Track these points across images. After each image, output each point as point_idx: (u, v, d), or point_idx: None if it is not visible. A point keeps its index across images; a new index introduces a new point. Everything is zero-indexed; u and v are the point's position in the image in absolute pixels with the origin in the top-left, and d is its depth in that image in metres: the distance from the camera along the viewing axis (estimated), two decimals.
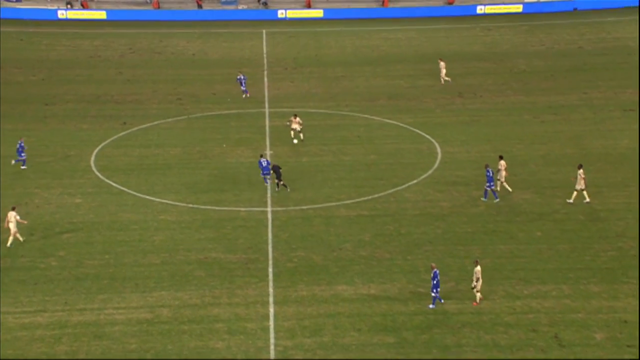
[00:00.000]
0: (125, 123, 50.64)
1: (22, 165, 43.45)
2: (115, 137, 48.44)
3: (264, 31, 75.04)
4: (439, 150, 46.66)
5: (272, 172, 40.94)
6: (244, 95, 55.23)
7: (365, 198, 40.43)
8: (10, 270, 33.04)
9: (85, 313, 30.37)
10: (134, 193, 40.66)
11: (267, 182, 41.52)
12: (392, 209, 39.22)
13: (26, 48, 67.98)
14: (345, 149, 47.01)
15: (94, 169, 43.57)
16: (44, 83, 58.85)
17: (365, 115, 52.69)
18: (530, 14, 79.97)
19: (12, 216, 35.06)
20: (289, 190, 40.60)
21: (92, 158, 44.99)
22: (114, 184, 41.65)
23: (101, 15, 79.11)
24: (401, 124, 51.00)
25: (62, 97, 55.49)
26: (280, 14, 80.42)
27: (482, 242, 35.84)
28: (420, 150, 46.71)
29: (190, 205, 39.44)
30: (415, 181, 42.39)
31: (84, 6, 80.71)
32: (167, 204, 39.58)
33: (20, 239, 35.47)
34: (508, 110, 53.46)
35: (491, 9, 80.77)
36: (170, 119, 51.71)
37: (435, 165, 44.41)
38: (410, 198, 40.45)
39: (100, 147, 46.67)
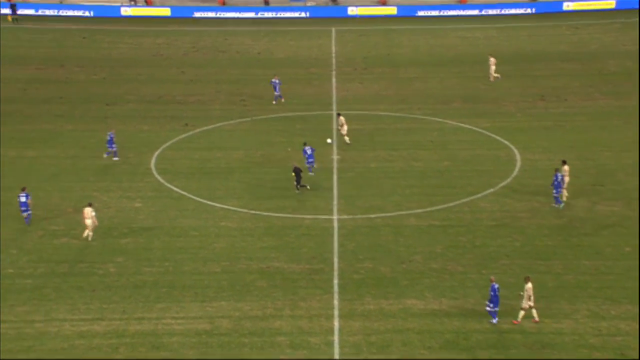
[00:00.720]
0: (187, 124, 51.50)
1: (114, 157, 45.18)
2: (177, 139, 49.30)
3: (333, 29, 75.30)
4: (518, 157, 45.90)
5: (293, 174, 41.20)
6: (274, 102, 54.92)
7: (438, 207, 40.06)
8: (68, 275, 33.94)
9: (143, 322, 30.93)
10: (195, 198, 41.28)
11: (310, 172, 42.76)
12: (466, 219, 38.76)
13: (88, 46, 69.91)
14: (416, 154, 46.71)
15: (154, 172, 44.43)
16: (105, 82, 60.38)
17: (439, 119, 52.25)
18: (624, 10, 77.88)
19: (89, 212, 36.19)
20: (297, 191, 41.00)
21: (153, 160, 45.89)
22: (174, 188, 42.38)
23: (165, 12, 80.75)
24: (477, 129, 50.39)
25: (123, 97, 56.82)
26: (351, 11, 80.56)
27: (565, 257, 35.06)
28: (497, 157, 46.04)
29: (253, 212, 39.79)
30: (491, 190, 41.80)
31: (147, 3, 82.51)
32: (228, 209, 40.04)
33: (89, 238, 36.47)
34: (595, 114, 52.24)
35: (579, 5, 79.15)
36: (233, 121, 52.35)
37: (514, 173, 43.70)
38: (486, 208, 39.90)
39: (161, 149, 47.58)
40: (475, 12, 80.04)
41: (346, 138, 47.57)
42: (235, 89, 57.62)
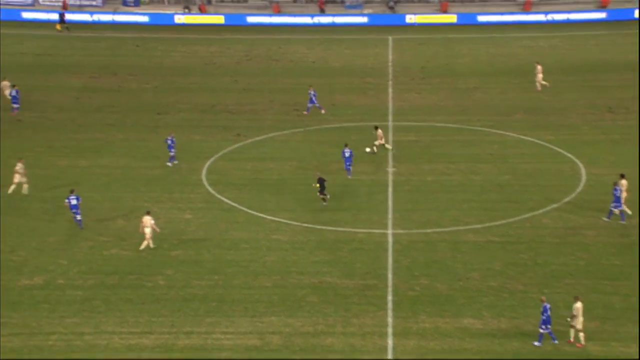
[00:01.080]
0: (239, 134, 52.03)
1: (169, 162, 46.49)
2: (228, 149, 49.85)
3: (390, 37, 75.31)
4: (583, 171, 45.22)
5: (317, 184, 41.46)
6: (305, 112, 54.92)
7: (497, 223, 39.68)
8: (117, 287, 34.55)
9: (192, 337, 31.28)
10: (246, 210, 41.64)
11: (349, 175, 44.10)
12: (527, 236, 38.31)
13: (141, 54, 71.21)
14: (475, 167, 46.38)
15: (205, 183, 44.98)
16: (157, 91, 61.40)
17: (499, 131, 51.80)
18: None
19: (147, 221, 36.90)
20: (326, 202, 41.28)
21: (204, 171, 46.47)
22: (225, 200, 42.83)
23: (219, 19, 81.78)
24: (540, 142, 49.80)
25: (174, 106, 57.69)
26: (409, 19, 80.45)
27: (632, 277, 34.37)
28: (561, 171, 45.43)
29: (305, 225, 39.96)
30: (554, 205, 41.24)
31: (202, 10, 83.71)
32: (280, 222, 40.29)
33: (151, 245, 37.17)
34: None
35: None
36: (286, 131, 52.69)
37: (579, 189, 43.06)
38: (548, 224, 39.38)
39: (212, 159, 48.15)
40: (541, 17, 79.01)
41: (386, 145, 47.51)
42: (289, 99, 58.04)
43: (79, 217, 39.18)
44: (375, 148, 47.74)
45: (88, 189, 43.44)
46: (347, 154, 44.68)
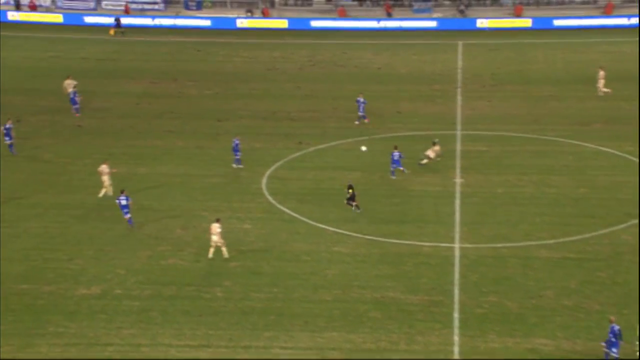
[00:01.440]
0: (301, 142, 52.31)
1: (234, 164, 47.61)
2: (290, 157, 50.15)
3: (459, 43, 74.89)
4: None
5: (349, 190, 41.88)
6: (357, 122, 54.86)
7: (572, 238, 39.02)
8: (175, 299, 35.01)
9: (250, 351, 31.47)
10: (307, 220, 41.79)
11: (393, 175, 45.47)
12: (605, 253, 37.58)
13: (202, 59, 72.27)
14: (549, 179, 45.71)
15: (265, 192, 45.32)
16: (218, 97, 62.18)
17: (576, 142, 50.97)
18: None
19: (216, 228, 37.43)
20: (359, 210, 41.70)
21: (264, 180, 46.83)
22: (285, 210, 43.06)
23: (282, 24, 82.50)
24: (620, 153, 48.85)
25: (235, 113, 58.32)
26: (480, 23, 79.91)
27: None
28: None
29: (368, 237, 39.92)
30: (635, 221, 40.34)
31: (265, 14, 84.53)
32: (342, 234, 40.32)
33: (226, 254, 37.62)
34: None
35: None
36: (350, 140, 52.76)
37: None
38: (628, 241, 38.55)
39: (273, 168, 48.51)
40: (623, 21, 77.37)
41: (423, 161, 47.30)
42: (353, 106, 58.04)
43: (128, 216, 40.36)
44: (427, 160, 47.36)
45: (146, 197, 44.20)
46: (395, 157, 45.54)
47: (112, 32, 79.65)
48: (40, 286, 35.64)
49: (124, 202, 40.40)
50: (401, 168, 46.09)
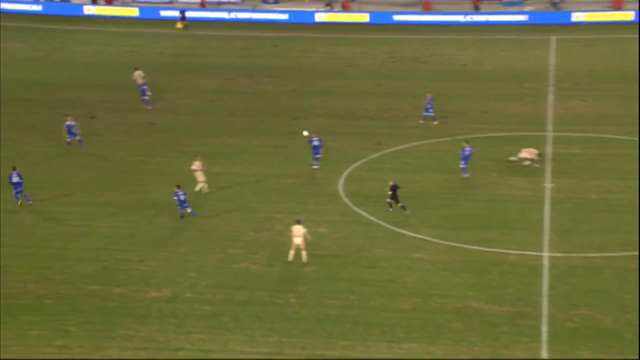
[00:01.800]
0: (380, 143, 52.24)
1: (315, 165, 48.21)
2: (368, 158, 50.14)
3: (552, 38, 73.71)
4: None
5: (390, 192, 41.90)
6: (421, 121, 54.74)
7: None
8: (247, 304, 35.39)
9: None
10: (385, 225, 41.73)
11: (465, 173, 45.84)
12: None
13: (279, 55, 72.87)
14: None
15: (341, 194, 45.43)
16: (294, 94, 62.59)
17: None
18: None
19: (299, 230, 37.79)
20: (407, 212, 41.50)
21: (341, 182, 46.94)
22: (362, 213, 43.08)
23: (363, 18, 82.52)
24: None
25: (312, 111, 58.61)
26: (576, 17, 78.45)
27: None
28: None
29: (449, 243, 39.64)
30: None
31: (345, 8, 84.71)
32: (422, 239, 40.15)
33: (305, 258, 37.97)
34: None
35: None
36: (432, 140, 52.48)
37: None
38: None
39: (350, 169, 48.58)
40: None
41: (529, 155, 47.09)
42: (436, 105, 57.65)
43: (189, 210, 42.08)
44: (528, 162, 46.84)
45: (219, 198, 44.81)
46: (467, 152, 45.80)
47: (179, 25, 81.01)
48: (111, 287, 36.52)
49: (182, 197, 41.79)
50: (464, 172, 46.04)
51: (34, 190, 45.03)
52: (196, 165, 45.46)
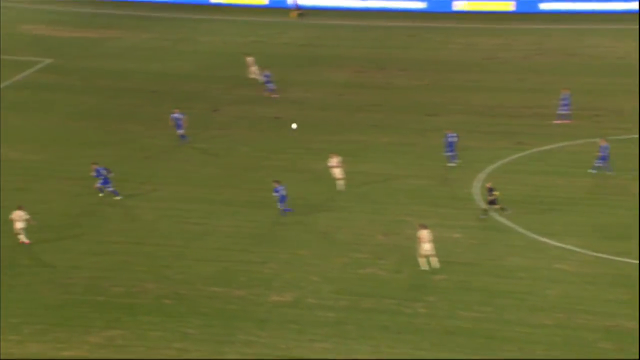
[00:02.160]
0: (521, 142, 51.43)
1: (451, 162, 48.45)
2: (507, 159, 49.39)
3: None
4: None
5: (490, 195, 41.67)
6: (557, 121, 53.59)
7: None
8: (372, 312, 35.42)
9: None
10: (525, 232, 41.03)
11: (609, 170, 45.24)
12: None
13: (415, 46, 72.70)
14: None
15: (477, 197, 44.89)
16: (429, 89, 62.29)
17: None
18: None
19: (426, 235, 37.82)
20: (508, 211, 40.68)
21: (476, 184, 46.39)
22: (500, 219, 42.47)
23: (507, 6, 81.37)
24: None
25: (446, 107, 58.20)
26: None
27: None
28: None
29: (597, 255, 38.63)
30: None
31: None
32: (566, 249, 39.29)
33: (437, 264, 37.91)
34: None
35: None
36: (580, 141, 51.29)
37: None
38: None
39: (487, 170, 47.96)
40: None
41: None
42: (587, 102, 56.42)
43: (287, 207, 42.97)
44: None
45: (345, 199, 45.04)
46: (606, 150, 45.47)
47: (294, 14, 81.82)
48: (232, 290, 37.21)
49: (283, 193, 42.72)
50: (606, 169, 45.66)
51: (154, 186, 46.50)
52: (333, 162, 45.88)
